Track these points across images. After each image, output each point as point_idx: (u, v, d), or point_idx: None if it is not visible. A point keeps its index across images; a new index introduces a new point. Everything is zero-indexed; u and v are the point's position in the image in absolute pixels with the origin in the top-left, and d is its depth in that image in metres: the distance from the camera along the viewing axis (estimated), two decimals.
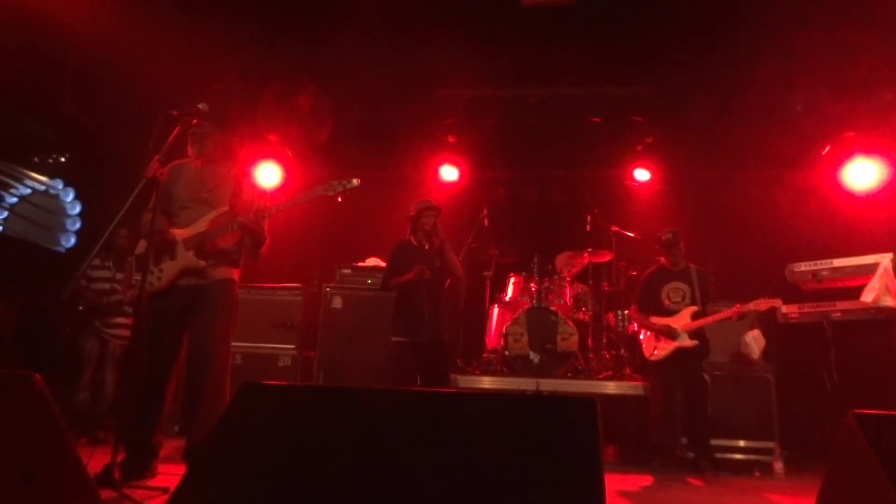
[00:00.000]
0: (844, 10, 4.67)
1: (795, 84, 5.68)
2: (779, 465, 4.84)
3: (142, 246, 3.49)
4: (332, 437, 1.62)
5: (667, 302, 4.99)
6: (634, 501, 3.67)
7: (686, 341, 4.80)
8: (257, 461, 1.60)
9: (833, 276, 5.13)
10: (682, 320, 4.87)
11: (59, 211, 7.25)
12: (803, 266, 5.27)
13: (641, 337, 5.15)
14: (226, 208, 3.47)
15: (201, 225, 3.44)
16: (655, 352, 4.91)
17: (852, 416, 1.76)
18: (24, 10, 4.74)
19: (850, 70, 5.48)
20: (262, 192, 3.75)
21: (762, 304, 4.69)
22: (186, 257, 3.40)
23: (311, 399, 1.80)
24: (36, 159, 7.13)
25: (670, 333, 4.85)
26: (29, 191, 7.03)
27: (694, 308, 4.89)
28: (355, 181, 3.45)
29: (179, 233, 3.45)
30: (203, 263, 3.40)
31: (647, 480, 4.35)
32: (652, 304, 5.07)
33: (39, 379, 2.01)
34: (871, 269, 4.84)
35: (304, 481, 1.53)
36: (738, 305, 4.70)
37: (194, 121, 3.47)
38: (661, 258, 5.20)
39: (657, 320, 4.96)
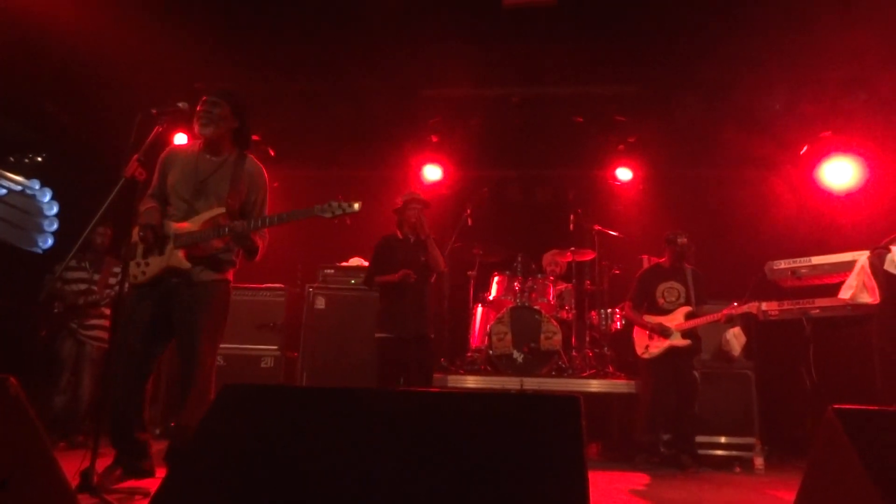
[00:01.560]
0: (824, 12, 4.74)
1: (775, 84, 5.75)
2: (759, 461, 4.90)
3: (135, 234, 3.31)
4: (315, 438, 1.60)
5: (661, 301, 5.03)
6: (618, 498, 3.68)
7: (679, 340, 4.85)
8: (239, 463, 1.58)
9: (812, 273, 5.21)
10: (676, 320, 4.91)
11: (36, 211, 7.11)
12: (783, 263, 5.34)
13: (634, 334, 5.18)
14: (222, 210, 3.30)
15: (194, 224, 3.29)
16: (647, 349, 4.95)
17: (832, 411, 1.77)
18: (4, 7, 4.65)
19: (827, 70, 5.57)
20: (261, 187, 3.52)
21: (756, 308, 4.72)
22: (174, 257, 3.25)
23: (293, 400, 1.78)
24: (12, 159, 6.99)
25: (664, 332, 4.89)
26: (4, 191, 6.88)
27: (688, 308, 4.93)
28: (356, 206, 3.29)
29: (172, 227, 3.30)
30: (189, 266, 3.26)
31: (631, 477, 4.39)
32: (646, 303, 5.10)
33: (15, 382, 1.97)
34: (848, 266, 4.91)
35: (287, 482, 1.51)
36: (731, 307, 4.74)
37: (203, 97, 3.31)
38: (661, 258, 5.23)
39: (651, 318, 5.00)
